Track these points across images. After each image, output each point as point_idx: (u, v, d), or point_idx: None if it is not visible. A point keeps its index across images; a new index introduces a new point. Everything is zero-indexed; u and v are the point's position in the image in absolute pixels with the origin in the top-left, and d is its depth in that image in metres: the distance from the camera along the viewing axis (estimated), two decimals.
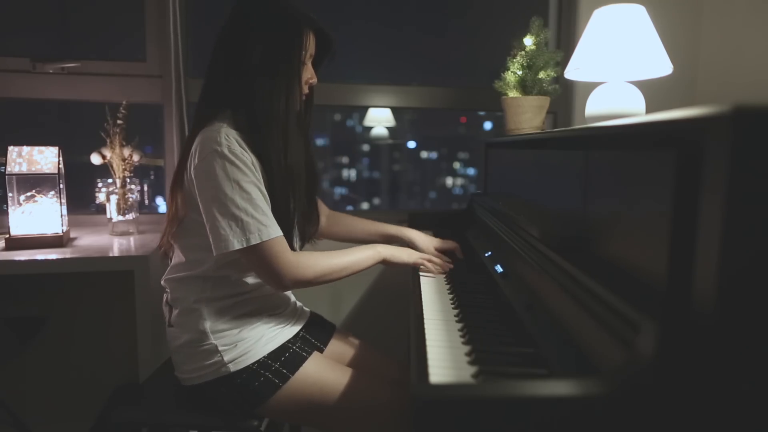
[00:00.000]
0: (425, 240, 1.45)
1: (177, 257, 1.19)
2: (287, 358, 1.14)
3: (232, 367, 1.10)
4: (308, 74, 1.20)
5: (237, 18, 1.14)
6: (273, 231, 1.06)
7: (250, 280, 1.17)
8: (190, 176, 1.09)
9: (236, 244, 1.03)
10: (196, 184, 1.07)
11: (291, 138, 1.14)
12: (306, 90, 1.21)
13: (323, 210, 1.46)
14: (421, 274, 1.28)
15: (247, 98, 1.11)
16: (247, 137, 1.09)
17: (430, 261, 1.31)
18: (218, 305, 1.13)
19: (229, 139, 1.05)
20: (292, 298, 1.35)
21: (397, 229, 1.49)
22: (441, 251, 1.43)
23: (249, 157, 1.07)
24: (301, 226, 1.23)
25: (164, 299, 1.22)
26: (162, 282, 1.21)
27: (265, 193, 1.09)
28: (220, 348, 1.10)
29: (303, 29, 1.14)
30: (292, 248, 1.14)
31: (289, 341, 1.19)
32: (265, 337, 1.15)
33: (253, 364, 1.11)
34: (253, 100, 1.11)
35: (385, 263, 1.27)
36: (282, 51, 1.12)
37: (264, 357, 1.12)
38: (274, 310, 1.22)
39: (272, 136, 1.11)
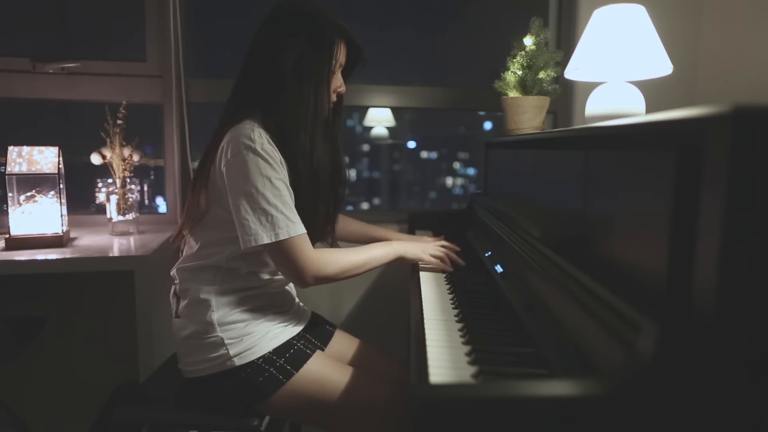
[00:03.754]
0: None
1: (190, 248, 1.20)
2: (291, 354, 1.15)
3: (237, 361, 1.10)
4: (337, 83, 1.24)
5: (274, 23, 1.18)
6: (299, 228, 1.09)
7: (260, 275, 1.19)
8: (219, 171, 1.11)
9: (265, 239, 1.05)
10: (227, 179, 1.09)
11: (317, 144, 1.17)
12: (334, 98, 1.25)
13: None
14: (421, 272, 1.29)
15: (278, 102, 1.14)
16: (276, 139, 1.12)
17: (442, 252, 1.33)
18: (227, 298, 1.14)
19: (261, 137, 1.08)
20: (296, 299, 1.36)
21: (391, 235, 1.51)
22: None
23: (278, 156, 1.10)
24: (321, 227, 1.25)
25: (172, 290, 1.23)
26: (172, 272, 1.22)
27: (291, 191, 1.12)
28: (226, 341, 1.11)
29: (335, 39, 1.18)
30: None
31: (293, 338, 1.20)
32: (270, 333, 1.16)
33: (258, 359, 1.12)
34: (283, 104, 1.14)
35: (400, 260, 1.30)
36: (314, 59, 1.16)
37: (269, 353, 1.13)
38: (279, 307, 1.24)
39: (300, 141, 1.14)
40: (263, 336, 1.14)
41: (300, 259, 1.09)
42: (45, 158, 1.53)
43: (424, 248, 1.33)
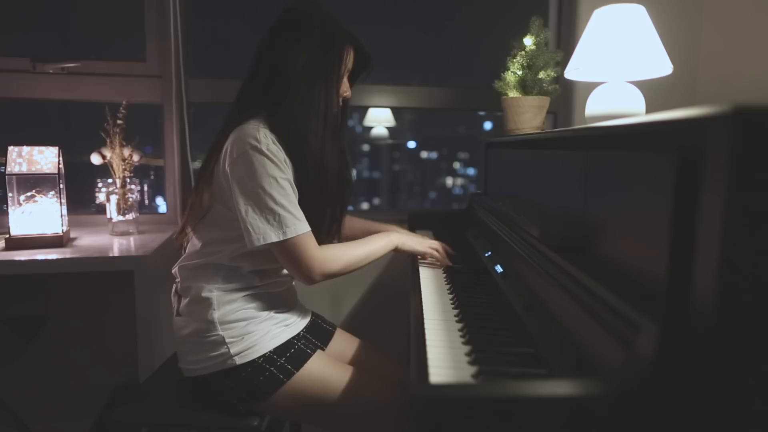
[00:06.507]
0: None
1: (192, 246, 1.20)
2: (292, 354, 1.15)
3: (238, 360, 1.10)
4: (344, 88, 1.25)
5: (284, 26, 1.19)
6: (305, 226, 1.11)
7: (262, 275, 1.19)
8: (224, 170, 1.11)
9: (273, 237, 1.07)
10: (232, 179, 1.09)
11: (327, 146, 1.18)
12: (340, 103, 1.26)
13: None
14: (421, 272, 1.29)
15: (285, 104, 1.15)
16: (281, 140, 1.12)
17: (437, 251, 1.36)
18: (228, 296, 1.15)
19: (267, 137, 1.09)
20: (297, 298, 1.36)
21: (388, 229, 1.50)
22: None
23: (282, 155, 1.11)
24: (327, 227, 1.25)
25: (173, 288, 1.23)
26: (173, 270, 1.23)
27: (296, 189, 1.13)
28: (227, 340, 1.11)
29: (345, 45, 1.19)
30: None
31: (293, 338, 1.20)
32: (271, 333, 1.16)
33: (258, 358, 1.12)
34: (290, 106, 1.15)
35: (396, 251, 1.32)
36: (325, 61, 1.17)
37: (270, 352, 1.13)
38: (280, 307, 1.23)
39: (309, 144, 1.15)
40: (264, 335, 1.14)
41: (306, 256, 1.11)
42: (45, 158, 1.53)
43: (420, 241, 1.36)
